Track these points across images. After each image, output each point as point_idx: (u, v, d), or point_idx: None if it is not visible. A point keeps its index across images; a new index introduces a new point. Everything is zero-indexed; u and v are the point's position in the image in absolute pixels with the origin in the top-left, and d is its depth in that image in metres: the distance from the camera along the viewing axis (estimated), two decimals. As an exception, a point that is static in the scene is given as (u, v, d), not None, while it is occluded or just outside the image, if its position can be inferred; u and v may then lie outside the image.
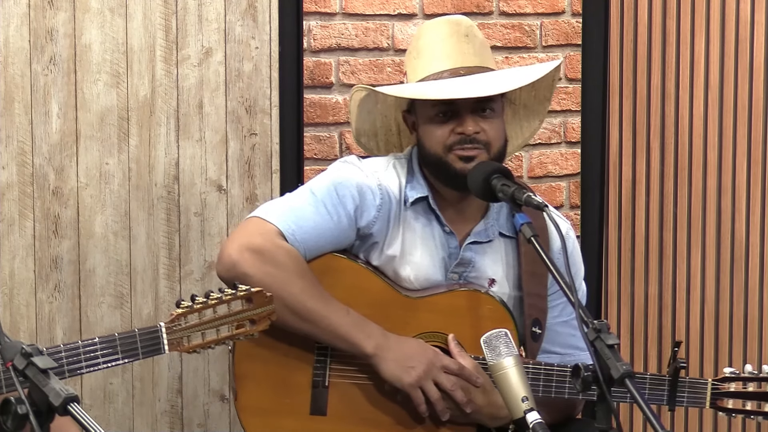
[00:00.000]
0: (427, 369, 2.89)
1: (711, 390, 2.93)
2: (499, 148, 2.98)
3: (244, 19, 3.70)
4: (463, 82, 2.95)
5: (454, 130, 2.95)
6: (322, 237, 2.95)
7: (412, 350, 2.90)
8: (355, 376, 2.97)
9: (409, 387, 2.89)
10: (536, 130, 3.21)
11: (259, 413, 2.97)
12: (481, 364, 2.91)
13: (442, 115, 2.96)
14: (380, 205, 2.99)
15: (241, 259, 2.87)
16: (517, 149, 3.28)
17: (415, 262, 3.01)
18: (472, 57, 3.00)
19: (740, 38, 3.95)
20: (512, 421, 2.47)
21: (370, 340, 2.89)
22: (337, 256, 2.99)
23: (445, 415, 2.91)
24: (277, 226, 2.92)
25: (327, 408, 2.96)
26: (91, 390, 3.64)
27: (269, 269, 2.86)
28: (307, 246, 2.93)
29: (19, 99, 3.53)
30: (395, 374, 2.89)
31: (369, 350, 2.89)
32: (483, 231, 3.04)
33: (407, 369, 2.89)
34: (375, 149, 3.21)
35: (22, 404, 1.98)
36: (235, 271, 2.87)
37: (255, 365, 2.96)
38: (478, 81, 2.94)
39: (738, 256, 4.00)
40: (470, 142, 2.94)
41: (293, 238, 2.91)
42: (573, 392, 2.91)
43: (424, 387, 2.89)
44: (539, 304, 3.03)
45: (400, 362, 2.89)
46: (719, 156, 4.01)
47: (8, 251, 3.55)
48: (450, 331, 2.95)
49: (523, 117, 3.17)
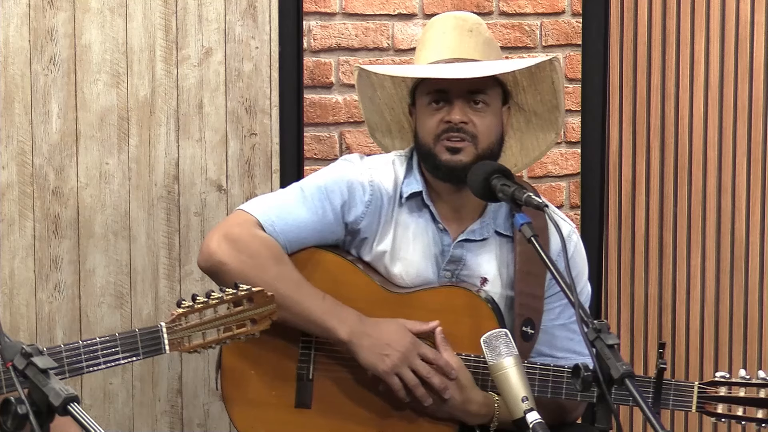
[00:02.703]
0: (402, 356, 2.88)
1: (698, 393, 2.91)
2: (489, 145, 2.97)
3: (244, 19, 3.70)
4: (451, 67, 2.95)
5: (443, 118, 2.95)
6: (304, 230, 2.95)
7: (388, 336, 2.89)
8: (340, 369, 2.97)
9: (385, 374, 2.88)
10: (552, 142, 3.17)
11: (245, 405, 2.98)
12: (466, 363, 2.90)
13: (434, 104, 2.96)
14: (369, 201, 3.00)
15: (218, 249, 2.89)
16: (534, 161, 3.26)
17: (406, 259, 3.01)
18: (473, 51, 3.00)
19: (740, 38, 3.95)
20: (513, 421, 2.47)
21: (344, 325, 2.88)
22: (322, 251, 2.99)
23: (426, 400, 2.90)
24: (257, 217, 2.94)
25: (312, 401, 2.97)
26: (91, 390, 3.64)
27: (243, 257, 2.88)
28: (287, 237, 2.94)
29: (19, 99, 3.52)
30: (371, 361, 2.88)
31: (343, 336, 2.88)
32: (477, 230, 3.03)
33: (382, 356, 2.88)
34: (390, 146, 3.21)
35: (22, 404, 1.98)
36: (212, 260, 2.90)
37: (242, 358, 2.98)
38: (465, 67, 2.94)
39: (738, 256, 4.00)
40: (457, 131, 2.94)
41: (272, 229, 2.93)
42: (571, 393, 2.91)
43: (401, 373, 2.88)
44: (533, 304, 3.02)
45: (375, 349, 2.88)
46: (719, 156, 4.01)
47: (8, 251, 3.55)
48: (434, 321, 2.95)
49: (538, 127, 3.14)
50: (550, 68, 3.02)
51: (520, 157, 3.19)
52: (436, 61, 2.99)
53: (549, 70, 3.03)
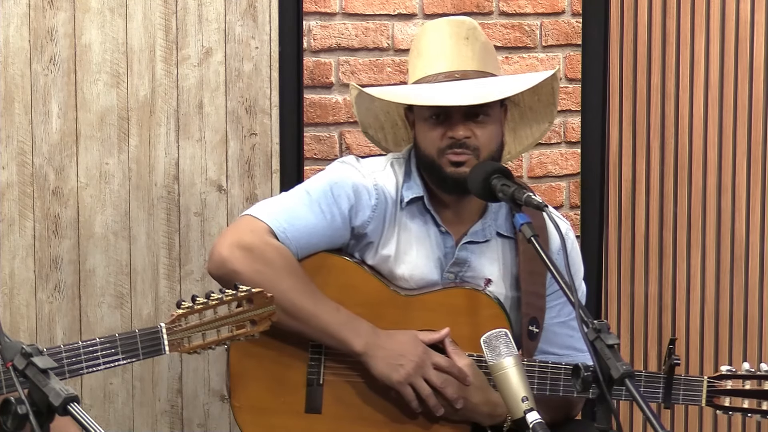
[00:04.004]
0: (416, 366, 2.89)
1: (707, 387, 2.94)
2: (491, 152, 2.98)
3: (244, 19, 3.70)
4: (453, 87, 2.95)
5: (446, 134, 2.96)
6: (315, 235, 2.95)
7: (402, 347, 2.90)
8: (350, 374, 2.97)
9: (399, 384, 2.89)
10: (545, 131, 3.20)
11: (254, 412, 2.97)
12: (477, 363, 2.91)
13: (435, 118, 2.97)
14: (375, 205, 3.00)
15: (231, 257, 2.87)
16: (528, 149, 3.28)
17: (410, 262, 3.02)
18: (470, 60, 3.00)
19: (740, 38, 3.95)
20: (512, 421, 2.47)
21: (359, 338, 2.89)
22: (330, 255, 2.99)
23: (438, 410, 2.92)
24: (268, 224, 2.92)
25: (322, 406, 2.97)
26: (91, 390, 3.64)
27: (259, 267, 2.87)
28: (299, 244, 2.93)
29: (19, 99, 3.53)
30: (385, 372, 2.89)
31: (359, 348, 2.89)
32: (480, 231, 3.04)
33: (396, 367, 2.89)
34: (383, 141, 3.22)
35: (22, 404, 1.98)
36: (225, 268, 2.88)
37: (250, 363, 2.97)
38: (468, 88, 2.94)
39: (738, 256, 4.00)
40: (460, 146, 2.95)
41: (284, 236, 2.92)
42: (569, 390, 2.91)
43: (414, 384, 2.89)
44: (537, 303, 3.03)
45: (389, 360, 2.89)
46: (719, 156, 4.01)
47: (8, 251, 3.55)
48: (444, 329, 2.95)
49: (532, 119, 3.17)
50: (551, 78, 3.04)
51: (514, 146, 3.21)
52: (434, 74, 2.99)
53: (550, 79, 3.04)
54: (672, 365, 2.89)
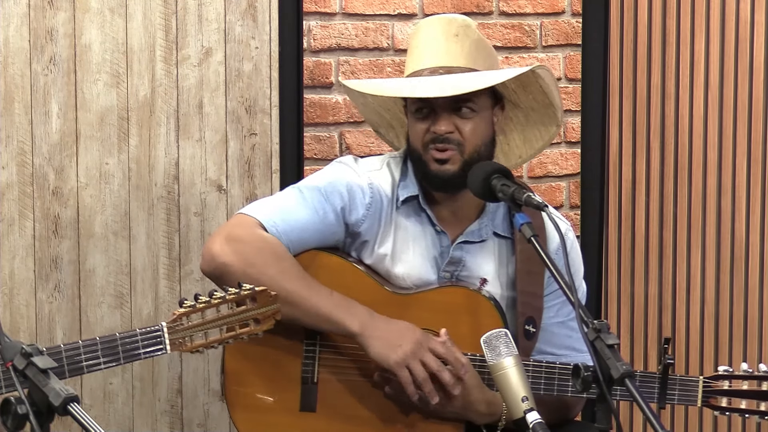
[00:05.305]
0: (414, 348, 2.86)
1: (703, 388, 2.93)
2: (476, 149, 2.96)
3: (244, 19, 3.70)
4: (434, 80, 2.95)
5: (430, 128, 2.96)
6: (306, 231, 2.95)
7: (399, 330, 2.88)
8: (345, 372, 2.96)
9: (396, 366, 2.86)
10: (554, 134, 3.16)
11: (249, 409, 2.97)
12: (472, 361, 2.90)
13: (420, 112, 2.97)
14: (370, 203, 3.00)
15: (220, 251, 2.87)
16: (538, 152, 3.25)
17: (407, 261, 3.02)
18: (458, 57, 2.99)
19: (740, 38, 3.95)
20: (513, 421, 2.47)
21: (355, 318, 2.87)
22: (326, 254, 2.99)
23: (434, 397, 2.88)
24: (259, 218, 2.93)
25: (317, 404, 2.97)
26: (91, 390, 3.64)
27: (246, 256, 2.86)
28: (290, 238, 2.93)
29: (19, 99, 3.53)
30: (382, 353, 2.86)
31: (354, 329, 2.86)
32: (476, 231, 3.03)
33: (394, 347, 2.86)
34: (395, 141, 3.23)
35: (22, 404, 1.98)
36: (215, 262, 2.88)
37: (245, 361, 2.97)
38: (447, 81, 2.94)
39: (738, 256, 4.00)
40: (442, 141, 2.95)
41: (274, 230, 2.92)
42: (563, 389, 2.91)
43: (411, 366, 2.86)
44: (534, 302, 3.03)
45: (386, 341, 2.86)
46: (719, 156, 4.01)
47: (8, 251, 3.55)
48: (440, 328, 2.94)
49: (537, 121, 3.14)
50: (533, 76, 3.01)
51: (524, 149, 3.19)
52: (419, 70, 2.99)
53: (533, 77, 3.02)
54: (666, 365, 2.88)
